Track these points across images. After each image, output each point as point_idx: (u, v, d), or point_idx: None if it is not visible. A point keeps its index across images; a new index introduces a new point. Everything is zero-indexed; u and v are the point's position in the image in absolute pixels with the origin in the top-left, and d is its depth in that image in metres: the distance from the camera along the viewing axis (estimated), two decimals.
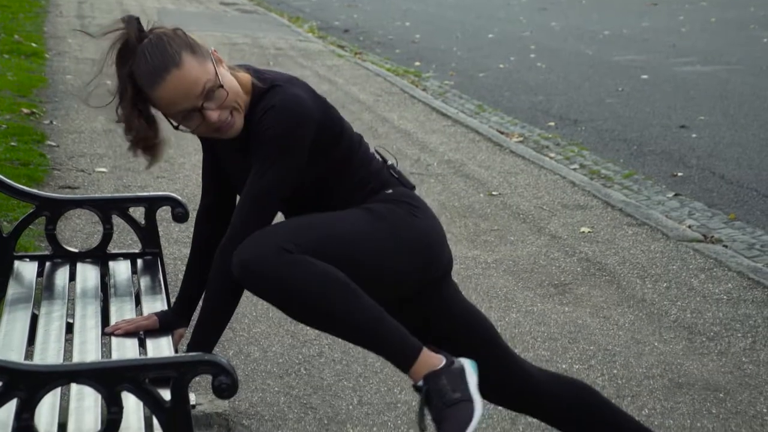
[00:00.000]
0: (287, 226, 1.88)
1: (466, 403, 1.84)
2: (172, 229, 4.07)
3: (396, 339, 1.85)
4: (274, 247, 1.78)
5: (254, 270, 1.78)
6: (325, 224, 1.89)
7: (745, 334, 3.32)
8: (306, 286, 1.78)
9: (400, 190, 2.02)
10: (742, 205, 5.12)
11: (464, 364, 1.89)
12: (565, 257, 4.07)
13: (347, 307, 1.81)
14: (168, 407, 1.55)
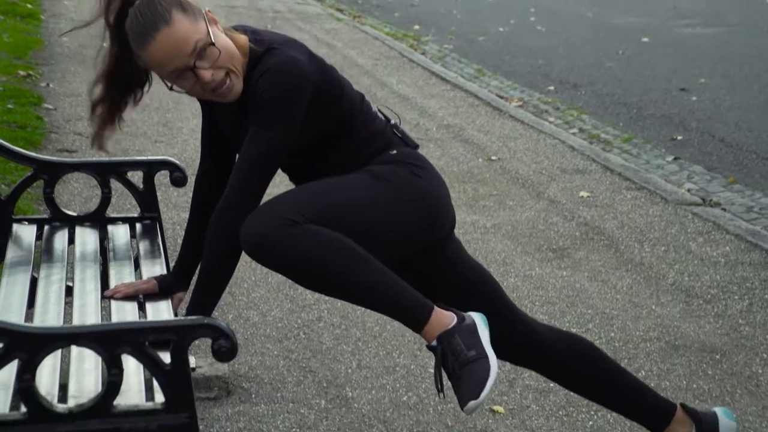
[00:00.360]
0: (292, 196, 1.89)
1: (482, 360, 1.85)
2: (170, 194, 4.06)
3: (407, 301, 1.87)
4: (281, 219, 1.79)
5: (263, 244, 1.80)
6: (329, 192, 1.89)
7: (742, 297, 3.34)
8: (315, 256, 1.80)
9: (403, 150, 2.01)
10: (741, 168, 5.12)
11: (475, 319, 1.91)
12: (563, 222, 4.08)
13: (358, 274, 1.82)
14: (168, 370, 1.56)
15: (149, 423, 1.54)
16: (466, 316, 1.91)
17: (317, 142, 1.98)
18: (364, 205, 1.89)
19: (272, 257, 1.81)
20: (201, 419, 2.39)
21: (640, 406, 2.09)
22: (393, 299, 1.86)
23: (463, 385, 1.84)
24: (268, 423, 2.41)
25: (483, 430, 2.39)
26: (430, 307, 1.88)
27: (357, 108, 2.00)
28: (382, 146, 2.00)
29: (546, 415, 2.48)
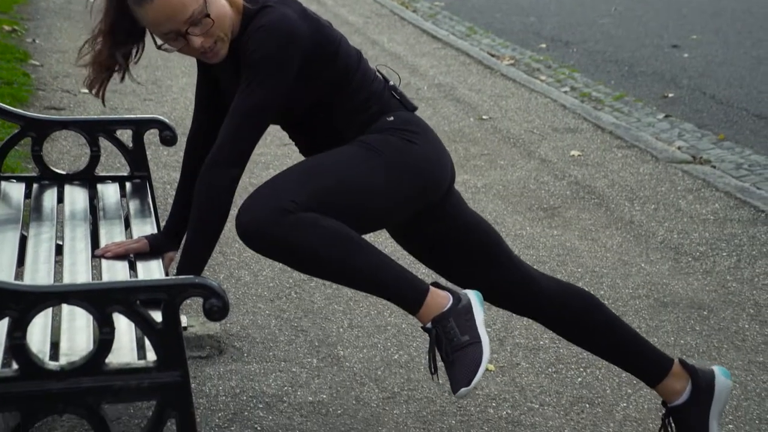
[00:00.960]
0: (285, 180, 1.88)
1: (476, 345, 1.87)
2: (160, 153, 4.04)
3: (403, 285, 1.88)
4: (275, 209, 1.80)
5: (256, 234, 1.80)
6: (323, 173, 1.89)
7: (730, 253, 3.36)
8: (310, 245, 1.81)
9: (401, 115, 2.00)
10: (731, 125, 5.12)
11: (471, 299, 1.93)
12: (554, 181, 4.08)
13: (353, 262, 1.84)
14: (159, 329, 1.57)
15: (141, 381, 1.55)
16: (462, 295, 1.92)
17: (315, 101, 1.96)
18: (358, 183, 1.89)
19: (265, 247, 1.82)
20: (193, 378, 2.41)
21: (638, 358, 2.11)
22: (388, 284, 1.87)
23: (456, 371, 1.86)
24: (260, 381, 2.43)
25: (473, 388, 2.42)
26: (425, 289, 1.90)
27: (353, 66, 1.98)
28: (379, 109, 1.99)
29: (536, 372, 2.51)
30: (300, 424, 2.24)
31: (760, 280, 3.14)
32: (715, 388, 2.09)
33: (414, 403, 2.34)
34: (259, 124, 1.89)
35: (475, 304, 1.92)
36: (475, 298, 1.93)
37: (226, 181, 1.87)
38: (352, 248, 1.84)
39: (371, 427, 2.22)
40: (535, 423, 2.26)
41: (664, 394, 2.11)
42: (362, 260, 1.84)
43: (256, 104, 1.87)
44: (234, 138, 1.87)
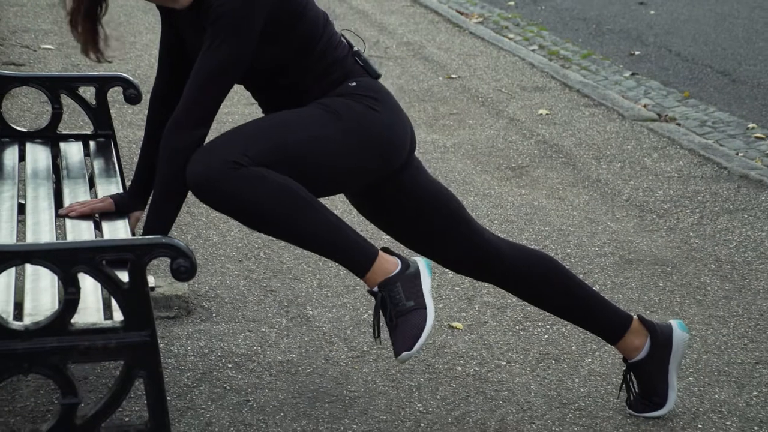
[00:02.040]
0: (240, 134, 1.86)
1: (420, 311, 1.88)
2: (125, 111, 3.98)
3: (351, 246, 1.87)
4: (226, 161, 1.78)
5: (205, 185, 1.78)
6: (278, 130, 1.87)
7: (693, 210, 3.41)
8: (258, 200, 1.79)
9: (363, 81, 1.97)
10: (696, 83, 5.16)
11: (419, 266, 1.92)
12: (522, 140, 4.10)
13: (300, 220, 1.82)
14: (126, 289, 1.56)
15: (108, 341, 1.54)
16: (411, 262, 1.92)
17: (277, 63, 1.93)
18: (314, 143, 1.87)
19: (214, 199, 1.80)
20: (161, 338, 2.40)
21: (598, 318, 2.14)
22: (336, 245, 1.86)
23: (399, 335, 1.87)
24: (229, 341, 2.43)
25: (442, 346, 2.44)
26: (374, 252, 1.89)
27: (318, 31, 1.95)
28: (342, 75, 1.96)
29: (503, 330, 2.54)
30: (269, 383, 2.25)
31: (722, 236, 3.19)
32: (672, 342, 2.14)
33: (383, 361, 2.36)
34: (223, 83, 1.86)
35: (423, 270, 1.92)
36: (424, 265, 1.93)
37: (191, 143, 1.84)
38: (299, 204, 1.82)
39: (340, 386, 2.24)
40: (502, 379, 2.29)
41: (624, 351, 2.15)
42: (310, 218, 1.83)
43: (221, 63, 1.84)
44: (198, 99, 1.84)
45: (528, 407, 2.17)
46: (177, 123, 1.85)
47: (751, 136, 4.30)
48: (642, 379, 2.14)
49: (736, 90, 5.04)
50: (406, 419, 2.11)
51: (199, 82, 1.84)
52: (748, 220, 3.32)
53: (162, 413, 1.57)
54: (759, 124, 4.46)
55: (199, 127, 1.85)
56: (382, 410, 2.14)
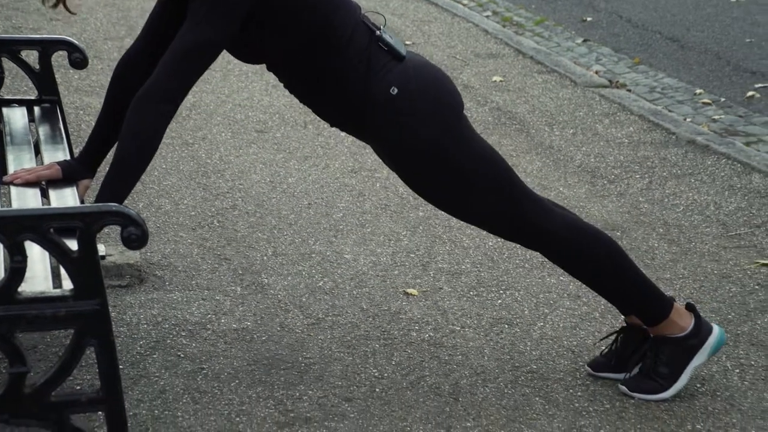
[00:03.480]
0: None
1: (661, 385, 2.09)
2: (71, 77, 3.89)
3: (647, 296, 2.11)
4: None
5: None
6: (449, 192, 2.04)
7: (642, 175, 3.47)
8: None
9: (399, 79, 1.91)
10: (646, 49, 5.23)
11: (707, 342, 2.11)
12: (477, 107, 4.11)
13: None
14: (75, 257, 1.53)
15: (57, 310, 1.52)
16: (702, 332, 2.11)
17: (293, 55, 1.90)
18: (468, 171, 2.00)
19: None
20: (113, 306, 2.38)
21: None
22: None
23: (636, 379, 2.13)
24: (183, 310, 2.42)
25: (397, 311, 2.46)
26: (668, 304, 2.10)
27: (334, 20, 1.89)
28: (367, 67, 1.91)
29: (457, 295, 2.56)
30: (224, 350, 2.24)
31: (670, 200, 3.26)
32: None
33: (338, 328, 2.37)
34: (198, 63, 1.82)
35: (706, 348, 2.11)
36: (713, 342, 2.11)
37: (159, 117, 1.81)
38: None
39: (296, 353, 2.24)
40: (456, 344, 2.32)
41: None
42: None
43: (198, 43, 1.80)
44: (173, 73, 1.80)
45: (481, 371, 2.21)
46: (147, 95, 1.81)
47: (698, 102, 4.38)
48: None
49: (684, 56, 5.12)
50: (362, 384, 2.13)
51: (175, 57, 1.81)
52: (694, 184, 3.39)
53: (114, 381, 1.56)
54: (706, 90, 4.53)
55: (169, 102, 1.82)
56: (338, 376, 2.16)
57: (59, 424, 1.58)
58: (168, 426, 1.95)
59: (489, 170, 2.01)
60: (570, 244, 2.06)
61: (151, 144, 1.84)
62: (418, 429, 1.98)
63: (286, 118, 3.82)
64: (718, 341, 2.13)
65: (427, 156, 1.99)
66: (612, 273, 2.09)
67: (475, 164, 2.00)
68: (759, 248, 2.90)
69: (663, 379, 2.10)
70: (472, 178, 2.00)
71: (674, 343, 2.10)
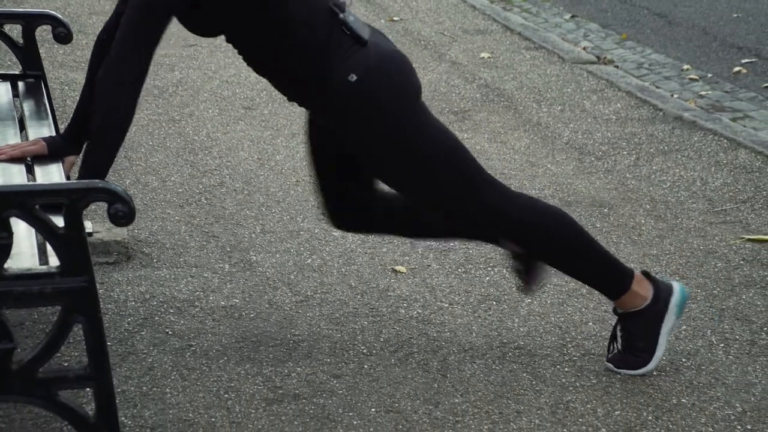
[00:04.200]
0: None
1: (643, 357, 2.10)
2: (55, 51, 3.85)
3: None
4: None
5: None
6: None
7: (630, 152, 3.48)
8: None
9: (360, 66, 1.90)
10: (633, 25, 5.22)
11: (671, 302, 2.10)
12: (465, 84, 4.10)
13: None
14: (62, 234, 1.52)
15: (44, 286, 1.51)
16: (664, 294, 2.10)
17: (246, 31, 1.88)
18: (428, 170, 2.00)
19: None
20: (100, 283, 2.37)
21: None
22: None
23: (620, 357, 2.13)
24: (171, 287, 2.42)
25: (385, 289, 2.46)
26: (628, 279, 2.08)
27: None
28: (327, 52, 1.89)
29: (446, 272, 2.57)
30: (212, 327, 2.24)
31: (657, 176, 3.27)
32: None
33: (327, 305, 2.37)
34: (154, 23, 1.80)
35: (672, 308, 2.10)
36: (677, 300, 2.11)
37: (127, 85, 1.79)
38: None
39: (284, 330, 2.25)
40: (444, 321, 2.33)
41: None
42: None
43: (149, 3, 1.78)
44: (129, 38, 1.79)
45: (469, 347, 2.22)
46: (109, 62, 1.80)
47: (685, 78, 4.39)
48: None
49: (671, 32, 5.12)
50: (350, 361, 2.14)
51: (131, 21, 1.79)
52: (681, 160, 3.40)
53: (102, 358, 1.56)
54: (693, 66, 4.54)
55: (132, 67, 1.80)
56: (326, 353, 2.16)
57: (47, 401, 1.58)
58: (156, 402, 1.95)
59: (448, 155, 2.00)
60: (526, 224, 2.06)
61: (122, 114, 1.82)
62: (406, 405, 1.99)
63: (273, 95, 3.80)
64: (681, 298, 2.14)
65: (384, 142, 1.98)
66: (571, 250, 2.09)
67: (434, 150, 1.99)
68: (744, 224, 2.92)
69: (642, 353, 2.11)
70: (432, 163, 1.99)
71: (639, 315, 2.11)
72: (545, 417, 1.97)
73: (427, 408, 1.98)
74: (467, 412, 1.97)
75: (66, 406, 1.59)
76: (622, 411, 2.00)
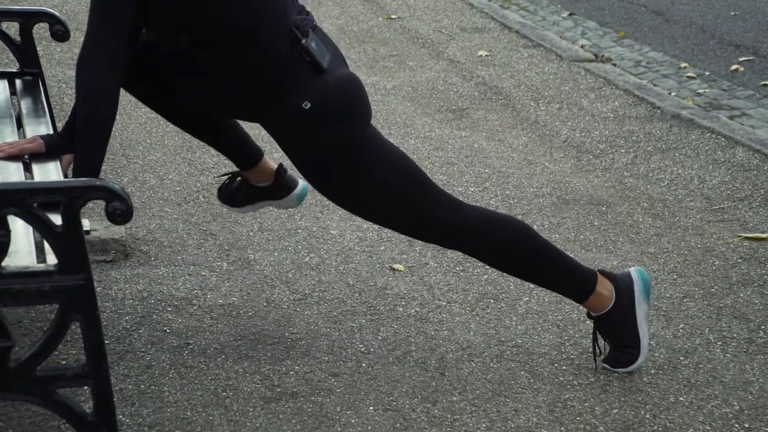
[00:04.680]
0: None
1: (630, 353, 2.11)
2: (53, 49, 3.84)
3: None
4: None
5: None
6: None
7: (627, 150, 3.48)
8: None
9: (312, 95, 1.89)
10: (631, 23, 5.22)
11: (634, 287, 2.11)
12: (462, 82, 4.10)
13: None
14: (59, 232, 1.52)
15: (41, 284, 1.51)
16: (624, 290, 2.10)
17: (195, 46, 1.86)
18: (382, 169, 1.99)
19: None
20: (98, 281, 2.37)
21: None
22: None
23: (612, 356, 2.14)
24: (169, 285, 2.41)
25: (383, 287, 2.46)
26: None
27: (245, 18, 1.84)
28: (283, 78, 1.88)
29: (443, 271, 2.57)
30: (210, 326, 2.24)
31: (654, 174, 3.27)
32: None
33: (325, 303, 2.37)
34: (116, 15, 1.80)
35: (638, 293, 2.11)
36: (639, 283, 2.11)
37: (99, 79, 1.79)
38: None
39: (282, 328, 2.25)
40: (442, 319, 2.33)
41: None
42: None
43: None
44: (95, 33, 1.79)
45: (467, 345, 2.22)
46: (81, 59, 1.81)
47: (683, 76, 4.39)
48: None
49: (669, 29, 5.12)
50: (348, 359, 2.14)
51: (94, 16, 1.81)
52: (679, 158, 3.40)
53: (100, 356, 1.56)
54: (691, 64, 4.54)
55: (104, 62, 1.79)
56: (324, 351, 2.16)
57: (45, 399, 1.58)
58: (154, 401, 1.95)
59: (399, 176, 2.00)
60: (481, 235, 2.06)
61: (102, 110, 1.81)
62: (404, 403, 1.99)
63: None
64: (643, 283, 2.14)
65: (335, 165, 1.97)
66: (528, 257, 2.08)
67: (383, 171, 1.99)
68: (742, 222, 2.92)
69: (628, 348, 2.12)
70: (383, 185, 1.99)
71: (611, 315, 2.12)
72: (543, 415, 1.97)
73: (425, 406, 1.98)
74: (465, 410, 1.97)
75: (64, 404, 1.59)
76: (620, 409, 2.00)
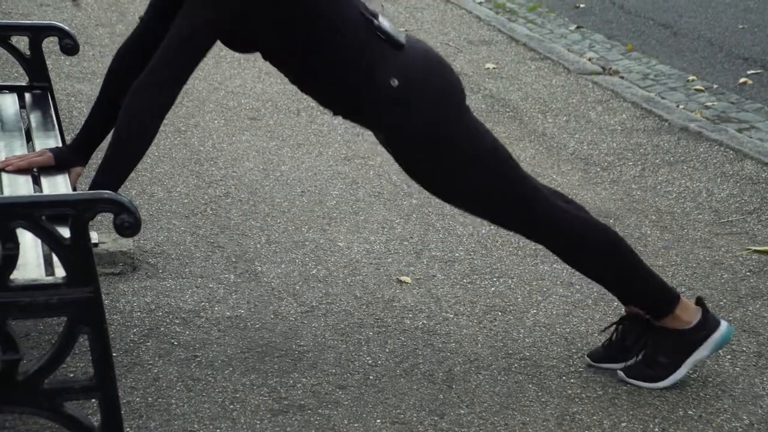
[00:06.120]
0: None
1: (659, 374, 2.08)
2: (61, 63, 3.87)
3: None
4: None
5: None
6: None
7: (635, 163, 3.48)
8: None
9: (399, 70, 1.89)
10: (639, 35, 5.23)
11: (712, 337, 2.09)
12: (470, 94, 4.09)
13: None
14: (68, 245, 1.53)
15: (50, 297, 1.52)
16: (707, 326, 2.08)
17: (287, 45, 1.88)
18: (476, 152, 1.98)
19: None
20: (106, 294, 2.38)
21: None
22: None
23: (637, 365, 2.12)
24: (177, 297, 2.42)
25: (391, 299, 2.46)
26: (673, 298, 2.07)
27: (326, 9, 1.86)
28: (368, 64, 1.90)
29: (451, 283, 2.57)
30: (218, 338, 2.24)
31: (662, 187, 3.26)
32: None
33: (332, 316, 2.37)
34: (194, 50, 1.81)
35: (709, 344, 2.09)
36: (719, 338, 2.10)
37: (156, 107, 1.80)
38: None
39: (289, 340, 2.24)
40: (450, 332, 2.32)
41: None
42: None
43: (194, 29, 1.79)
44: (167, 61, 1.79)
45: (475, 358, 2.21)
46: (145, 84, 1.80)
47: (691, 89, 4.39)
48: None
49: (677, 42, 5.12)
50: (355, 372, 2.13)
51: (171, 44, 1.80)
52: (687, 171, 3.40)
53: (108, 369, 1.56)
54: (698, 77, 4.54)
55: (167, 90, 1.81)
56: (332, 363, 2.16)
57: (52, 412, 1.58)
58: (162, 413, 1.95)
59: (495, 162, 1.99)
60: (574, 237, 2.04)
61: (146, 134, 1.83)
62: (411, 416, 1.98)
63: (279, 105, 3.81)
64: (723, 337, 2.12)
65: (431, 147, 1.97)
66: (617, 267, 2.08)
67: (480, 155, 1.98)
68: (751, 235, 2.91)
69: (661, 369, 2.10)
70: (477, 169, 1.98)
71: (677, 335, 2.10)
72: (551, 428, 1.96)
73: (432, 419, 1.97)
74: (473, 423, 1.97)
75: (71, 417, 1.59)
76: (628, 423, 1.99)
